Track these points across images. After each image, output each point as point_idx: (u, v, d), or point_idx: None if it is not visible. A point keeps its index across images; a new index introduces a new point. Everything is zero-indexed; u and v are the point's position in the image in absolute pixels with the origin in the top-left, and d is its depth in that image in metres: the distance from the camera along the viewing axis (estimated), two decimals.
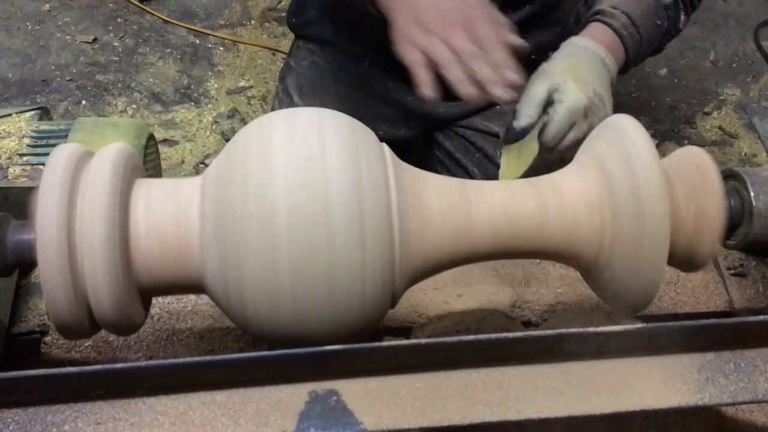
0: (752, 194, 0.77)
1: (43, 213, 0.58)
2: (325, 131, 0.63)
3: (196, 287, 0.64)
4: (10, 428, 0.57)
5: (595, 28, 1.05)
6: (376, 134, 0.68)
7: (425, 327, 0.92)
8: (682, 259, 0.68)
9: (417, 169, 0.68)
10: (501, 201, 0.67)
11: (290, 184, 0.60)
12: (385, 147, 0.67)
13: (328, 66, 1.36)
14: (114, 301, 0.60)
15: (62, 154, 0.61)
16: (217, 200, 0.62)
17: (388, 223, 0.62)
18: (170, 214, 0.62)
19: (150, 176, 0.70)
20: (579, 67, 0.98)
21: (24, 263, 0.63)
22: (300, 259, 0.59)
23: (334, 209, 0.59)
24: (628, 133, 0.66)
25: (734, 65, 2.17)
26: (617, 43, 1.05)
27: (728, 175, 0.79)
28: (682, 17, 1.15)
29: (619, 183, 0.65)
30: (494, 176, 0.83)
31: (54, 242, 0.58)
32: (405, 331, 0.93)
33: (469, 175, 1.32)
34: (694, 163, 0.69)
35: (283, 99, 1.37)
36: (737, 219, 0.75)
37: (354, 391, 0.61)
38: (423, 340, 0.61)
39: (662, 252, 0.64)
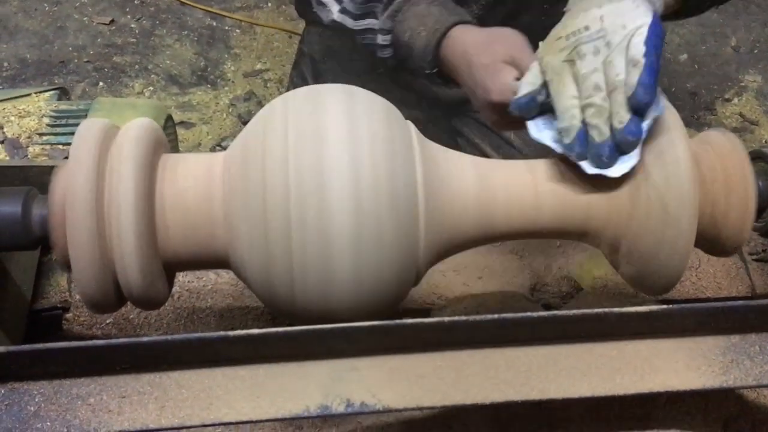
0: None
1: (72, 184, 0.59)
2: (355, 107, 0.63)
3: (221, 262, 0.64)
4: (36, 400, 0.58)
5: None
6: None
7: (444, 309, 0.92)
8: (711, 242, 0.68)
9: (437, 145, 0.68)
10: (522, 177, 0.67)
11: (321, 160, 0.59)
12: (410, 123, 0.66)
13: (339, 50, 1.35)
14: (140, 272, 0.60)
15: (90, 128, 0.62)
16: (242, 175, 0.61)
17: (414, 198, 0.61)
18: (194, 189, 0.62)
19: None
20: None
21: (49, 237, 0.63)
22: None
23: (361, 185, 0.59)
24: None
25: (756, 51, 2.14)
26: None
27: (756, 157, 0.78)
28: None
29: (647, 163, 0.64)
30: (512, 158, 0.80)
31: (83, 213, 0.58)
32: (424, 312, 0.93)
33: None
34: (722, 144, 0.68)
35: (298, 84, 1.36)
36: (766, 201, 0.74)
37: (376, 369, 0.61)
38: (446, 318, 0.60)
39: (689, 234, 0.63)
